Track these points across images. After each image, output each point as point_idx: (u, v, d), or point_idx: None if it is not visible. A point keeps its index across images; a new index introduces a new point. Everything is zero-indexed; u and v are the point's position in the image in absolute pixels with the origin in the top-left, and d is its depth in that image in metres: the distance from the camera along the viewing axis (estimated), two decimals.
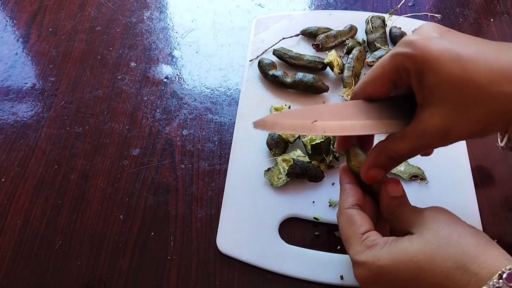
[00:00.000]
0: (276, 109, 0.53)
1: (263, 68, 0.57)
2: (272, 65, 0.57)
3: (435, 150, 0.50)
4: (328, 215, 0.47)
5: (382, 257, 0.33)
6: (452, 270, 0.31)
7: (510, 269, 0.29)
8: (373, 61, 0.57)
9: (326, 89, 0.55)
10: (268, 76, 0.56)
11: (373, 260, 0.34)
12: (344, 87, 0.56)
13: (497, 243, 0.33)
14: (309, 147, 0.48)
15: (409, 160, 0.50)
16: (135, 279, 0.44)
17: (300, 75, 0.55)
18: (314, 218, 0.47)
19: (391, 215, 0.38)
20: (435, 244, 0.32)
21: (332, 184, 0.49)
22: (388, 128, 0.36)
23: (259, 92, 0.57)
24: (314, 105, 0.47)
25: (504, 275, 0.29)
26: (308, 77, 0.55)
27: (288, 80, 0.55)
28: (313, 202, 0.48)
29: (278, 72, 0.56)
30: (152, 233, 0.47)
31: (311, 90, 0.55)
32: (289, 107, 0.53)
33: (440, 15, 0.65)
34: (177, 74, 0.60)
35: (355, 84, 0.55)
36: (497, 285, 0.29)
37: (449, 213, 0.35)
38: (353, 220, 0.37)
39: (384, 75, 0.36)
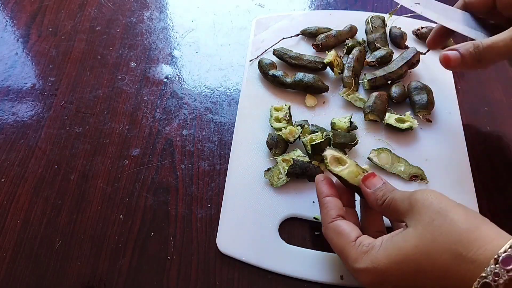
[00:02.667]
0: (276, 109, 0.53)
1: (263, 68, 0.57)
2: (272, 65, 0.57)
3: (435, 150, 0.51)
4: None
5: (381, 261, 0.34)
6: (450, 261, 0.31)
7: (504, 252, 0.29)
8: (373, 61, 0.57)
9: (326, 89, 0.55)
10: (268, 76, 0.56)
11: (372, 265, 0.34)
12: (344, 87, 0.56)
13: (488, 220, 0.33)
14: (309, 147, 0.48)
15: (409, 160, 0.50)
16: (135, 279, 0.44)
17: (300, 75, 0.55)
18: (314, 218, 0.47)
19: (382, 207, 0.38)
20: (429, 238, 0.32)
21: None
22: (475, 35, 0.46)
23: (259, 92, 0.57)
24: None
25: (500, 259, 0.29)
26: (308, 77, 0.55)
27: (288, 80, 0.56)
28: (313, 202, 0.47)
29: (278, 72, 0.56)
30: (152, 233, 0.47)
31: (311, 90, 0.55)
32: (289, 108, 0.53)
33: None
34: (177, 74, 0.60)
35: (355, 84, 0.55)
36: (494, 270, 0.29)
37: (437, 196, 0.35)
38: (341, 231, 0.38)
39: None
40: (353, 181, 0.41)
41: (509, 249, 0.29)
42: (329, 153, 0.43)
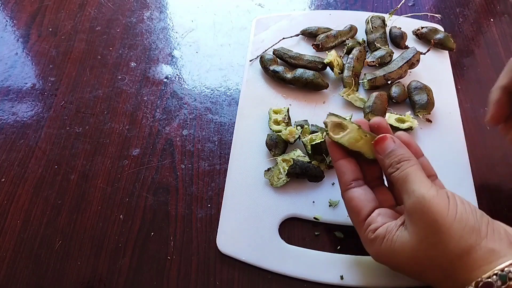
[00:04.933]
0: (275, 112, 0.53)
1: (265, 63, 0.57)
2: (274, 60, 0.58)
3: (435, 150, 0.51)
4: (328, 215, 0.47)
5: (383, 256, 0.36)
6: (441, 278, 0.33)
7: (488, 278, 0.30)
8: (373, 61, 0.57)
9: (325, 86, 0.55)
10: (268, 71, 0.56)
11: (376, 254, 0.37)
12: (344, 87, 0.56)
13: (488, 225, 0.33)
14: (309, 147, 0.48)
15: None
16: (135, 279, 0.44)
17: (300, 71, 0.55)
18: (314, 218, 0.46)
19: (393, 177, 0.38)
20: (422, 254, 0.34)
21: (332, 184, 0.49)
22: None
23: (259, 92, 0.57)
24: None
25: (480, 284, 0.30)
26: (308, 73, 0.55)
27: (289, 75, 0.56)
28: (313, 202, 0.48)
29: (278, 68, 0.56)
30: (152, 233, 0.47)
31: (311, 87, 0.55)
32: (288, 110, 0.53)
33: (440, 15, 0.65)
34: (177, 74, 0.60)
35: (355, 84, 0.55)
36: None
37: (437, 208, 0.33)
38: (352, 207, 0.39)
39: None
40: (354, 147, 0.40)
41: (493, 276, 0.30)
42: (330, 119, 0.41)
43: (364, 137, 0.40)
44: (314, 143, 0.48)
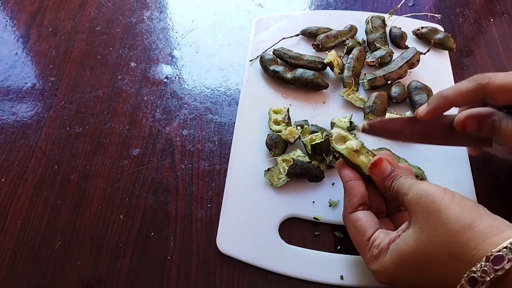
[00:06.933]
0: (275, 112, 0.53)
1: (265, 63, 0.57)
2: (274, 60, 0.58)
3: (434, 150, 0.51)
4: (328, 215, 0.47)
5: (389, 265, 0.36)
6: (448, 262, 0.32)
7: (498, 252, 0.30)
8: (373, 61, 0.57)
9: (325, 86, 0.55)
10: (268, 71, 0.56)
11: (382, 269, 0.36)
12: (344, 87, 0.56)
13: (484, 209, 0.34)
14: (309, 147, 0.48)
15: (409, 160, 0.50)
16: (135, 279, 0.44)
17: (300, 71, 0.56)
18: (314, 218, 0.47)
19: (392, 198, 0.40)
20: (425, 240, 0.33)
21: (332, 184, 0.49)
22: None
23: (259, 92, 0.57)
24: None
25: (491, 258, 0.30)
26: (308, 73, 0.55)
27: (288, 75, 0.56)
28: (313, 202, 0.48)
29: (279, 68, 0.56)
30: (152, 233, 0.47)
31: (311, 87, 0.55)
32: (288, 110, 0.53)
33: (440, 15, 0.65)
34: (177, 74, 0.60)
35: (355, 84, 0.55)
36: (483, 268, 0.30)
37: (430, 192, 0.35)
38: (358, 226, 0.39)
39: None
40: (354, 160, 0.42)
41: (504, 249, 0.30)
42: (335, 131, 0.44)
43: (366, 153, 0.42)
44: (314, 143, 0.48)
